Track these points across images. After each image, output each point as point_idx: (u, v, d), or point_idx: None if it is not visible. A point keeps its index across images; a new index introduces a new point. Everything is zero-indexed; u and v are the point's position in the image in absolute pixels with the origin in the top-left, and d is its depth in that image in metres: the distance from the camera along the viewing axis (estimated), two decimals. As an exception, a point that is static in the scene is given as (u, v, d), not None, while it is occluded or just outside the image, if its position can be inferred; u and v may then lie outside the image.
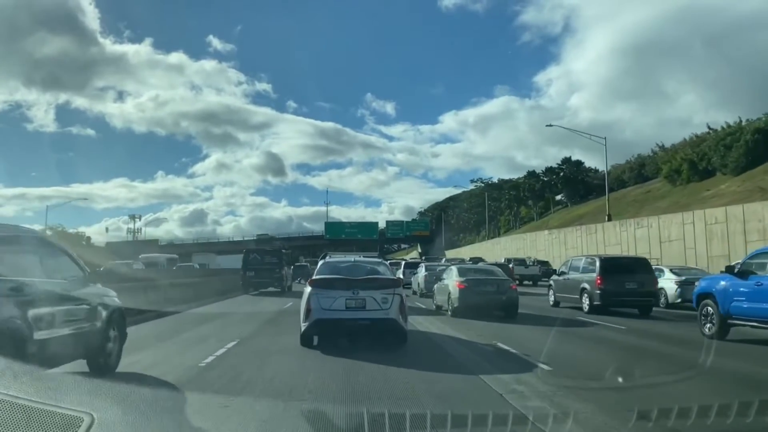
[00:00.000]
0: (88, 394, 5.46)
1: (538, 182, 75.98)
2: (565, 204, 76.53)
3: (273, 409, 5.30)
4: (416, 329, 11.31)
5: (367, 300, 8.88)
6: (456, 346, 9.67)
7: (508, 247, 59.24)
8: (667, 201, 43.58)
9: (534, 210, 79.04)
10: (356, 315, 8.87)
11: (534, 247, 52.30)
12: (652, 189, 51.62)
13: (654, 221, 33.87)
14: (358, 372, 6.98)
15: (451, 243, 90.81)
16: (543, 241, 51.19)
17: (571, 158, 73.27)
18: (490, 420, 4.34)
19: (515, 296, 14.73)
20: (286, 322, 12.53)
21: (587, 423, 4.83)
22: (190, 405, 5.54)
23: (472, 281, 14.87)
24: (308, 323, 8.84)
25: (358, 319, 8.88)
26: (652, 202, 46.29)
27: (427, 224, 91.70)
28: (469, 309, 14.22)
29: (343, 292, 8.92)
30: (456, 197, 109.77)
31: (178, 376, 6.66)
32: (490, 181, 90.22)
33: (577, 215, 58.76)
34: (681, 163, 46.36)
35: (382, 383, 6.38)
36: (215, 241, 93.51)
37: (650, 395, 5.99)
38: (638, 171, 60.10)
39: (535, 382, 6.38)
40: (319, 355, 8.19)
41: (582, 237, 43.85)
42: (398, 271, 29.37)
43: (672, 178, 47.55)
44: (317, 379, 6.59)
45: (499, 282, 15.02)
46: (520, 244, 56.33)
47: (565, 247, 46.45)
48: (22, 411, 2.80)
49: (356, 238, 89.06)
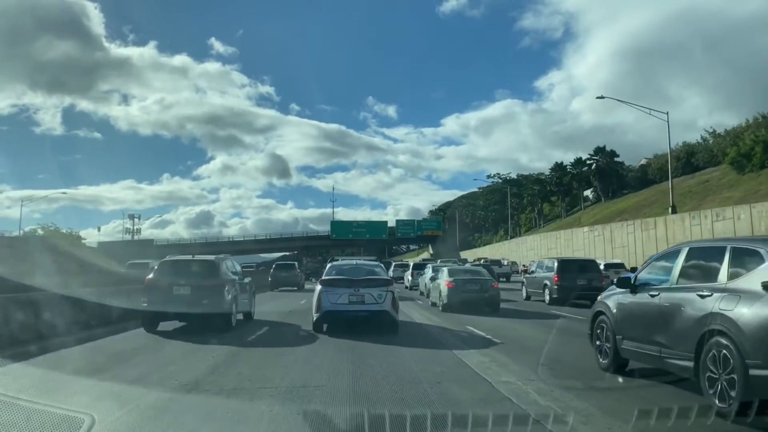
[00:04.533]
0: (89, 396, 5.64)
1: (566, 175, 67.86)
2: (595, 199, 68.64)
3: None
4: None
5: (366, 296, 11.15)
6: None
7: (537, 247, 52.18)
8: (739, 190, 36.51)
9: (560, 206, 71.72)
10: (357, 308, 11.14)
11: (570, 246, 45.20)
12: (711, 178, 44.37)
13: (742, 211, 26.14)
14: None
15: (465, 243, 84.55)
16: (581, 239, 44.14)
17: (605, 148, 65.53)
18: (490, 420, 4.57)
19: (497, 293, 17.12)
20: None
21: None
22: (192, 403, 5.75)
23: (459, 281, 16.92)
24: (319, 314, 11.20)
25: (359, 311, 11.18)
26: (717, 193, 39.68)
27: (439, 223, 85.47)
28: (457, 305, 16.30)
29: (346, 290, 11.20)
30: (469, 195, 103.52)
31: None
32: (509, 177, 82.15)
33: (617, 210, 52.60)
34: (752, 145, 38.59)
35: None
36: (214, 241, 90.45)
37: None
38: (686, 160, 53.26)
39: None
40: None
41: (635, 233, 36.63)
42: (406, 273, 32.24)
43: (739, 164, 40.13)
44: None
45: (482, 281, 17.20)
46: (552, 242, 49.12)
47: (612, 246, 38.87)
48: (24, 412, 3.00)
49: (364, 238, 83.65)
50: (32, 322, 9.68)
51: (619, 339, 6.95)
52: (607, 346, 7.24)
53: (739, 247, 5.61)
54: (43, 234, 63.03)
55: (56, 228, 68.56)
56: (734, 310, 5.10)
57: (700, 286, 5.70)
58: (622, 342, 6.88)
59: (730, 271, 5.48)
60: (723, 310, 5.21)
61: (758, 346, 4.77)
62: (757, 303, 4.94)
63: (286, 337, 11.10)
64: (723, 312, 5.20)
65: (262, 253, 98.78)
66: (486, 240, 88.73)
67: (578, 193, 72.50)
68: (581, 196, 72.20)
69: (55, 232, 66.25)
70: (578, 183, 70.83)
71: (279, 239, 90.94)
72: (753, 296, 5.00)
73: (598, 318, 7.59)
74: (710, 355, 5.25)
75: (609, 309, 7.31)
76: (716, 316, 5.25)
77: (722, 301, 5.28)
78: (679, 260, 6.28)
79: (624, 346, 6.85)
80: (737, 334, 4.98)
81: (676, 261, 6.34)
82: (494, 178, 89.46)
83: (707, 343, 5.30)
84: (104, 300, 12.37)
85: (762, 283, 4.97)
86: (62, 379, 6.82)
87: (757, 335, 4.81)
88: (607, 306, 7.39)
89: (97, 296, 12.34)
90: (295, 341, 10.42)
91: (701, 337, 5.37)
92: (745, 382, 4.79)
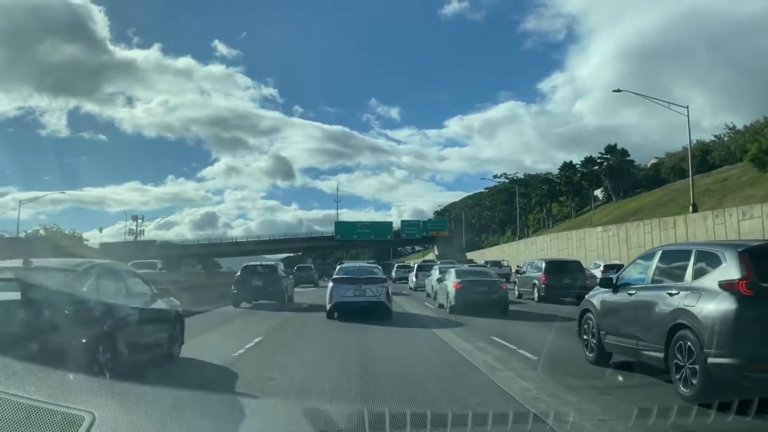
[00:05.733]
0: (89, 393, 5.60)
1: (576, 174, 66.14)
2: (605, 199, 67.00)
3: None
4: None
5: (367, 290, 14.56)
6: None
7: (547, 248, 50.58)
8: (762, 188, 35.68)
9: (569, 206, 70.03)
10: (360, 299, 14.53)
11: (582, 247, 43.69)
12: (729, 176, 42.75)
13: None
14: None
15: (472, 244, 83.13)
16: (594, 239, 42.64)
17: (616, 146, 64.09)
18: (490, 420, 4.64)
19: (505, 295, 16.95)
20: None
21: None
22: (198, 397, 5.91)
23: (467, 282, 16.73)
24: (331, 305, 14.62)
25: (361, 302, 14.55)
26: (737, 191, 38.33)
27: (445, 224, 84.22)
28: (465, 307, 16.02)
29: (351, 286, 14.66)
30: (475, 196, 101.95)
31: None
32: (516, 176, 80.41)
33: (630, 210, 51.33)
34: (778, 142, 37.03)
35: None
36: (217, 242, 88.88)
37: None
38: (701, 158, 51.74)
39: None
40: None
41: (653, 233, 35.25)
42: (410, 274, 33.65)
43: (761, 161, 38.52)
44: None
45: (491, 282, 17.00)
46: (564, 243, 47.50)
47: (628, 246, 37.49)
48: (24, 410, 2.94)
49: (369, 239, 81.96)
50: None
51: (603, 334, 7.55)
52: (593, 341, 7.82)
53: (703, 251, 6.31)
54: (45, 234, 62.94)
55: (58, 229, 68.60)
56: (696, 305, 5.74)
57: (670, 285, 6.36)
58: (605, 337, 7.48)
59: (694, 271, 6.14)
60: (687, 306, 5.84)
61: (715, 337, 5.41)
62: (715, 299, 5.59)
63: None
64: (687, 308, 5.83)
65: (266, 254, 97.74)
66: (493, 241, 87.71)
67: (588, 192, 71.13)
68: (591, 195, 70.79)
69: (57, 232, 66.15)
70: (588, 182, 69.30)
71: (282, 240, 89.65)
72: (711, 294, 5.65)
73: (585, 315, 8.17)
74: (677, 345, 5.89)
75: (594, 307, 7.91)
76: (682, 312, 5.89)
77: (687, 298, 5.92)
78: (654, 262, 6.91)
79: (607, 340, 7.46)
80: (698, 327, 5.62)
81: (651, 262, 6.97)
82: (501, 178, 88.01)
83: (675, 336, 5.93)
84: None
85: (719, 282, 5.62)
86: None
87: (714, 328, 5.45)
88: (592, 304, 7.98)
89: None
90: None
91: (670, 330, 5.99)
92: (704, 369, 5.44)
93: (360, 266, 17.38)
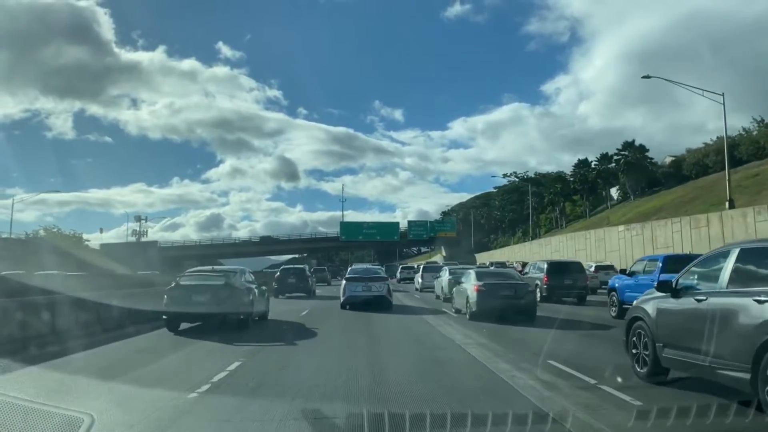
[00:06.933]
0: (88, 395, 5.71)
1: (591, 172, 63.26)
2: (621, 197, 64.10)
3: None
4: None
5: (372, 286, 18.52)
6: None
7: (563, 248, 48.11)
8: None
9: (583, 205, 66.93)
10: (367, 293, 18.39)
11: (602, 247, 41.26)
12: (762, 171, 40.41)
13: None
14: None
15: (481, 245, 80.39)
16: (615, 239, 40.09)
17: (634, 142, 61.76)
18: (489, 420, 4.59)
19: (533, 299, 15.75)
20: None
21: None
22: (192, 404, 5.87)
23: (489, 285, 15.36)
24: (344, 298, 18.60)
25: (368, 295, 18.36)
26: None
27: (453, 224, 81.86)
28: (487, 312, 14.71)
29: (360, 283, 18.70)
30: (483, 196, 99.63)
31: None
32: (526, 175, 77.58)
33: (652, 208, 49.14)
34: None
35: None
36: (219, 243, 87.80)
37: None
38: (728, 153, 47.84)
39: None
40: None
41: (681, 232, 32.12)
42: (416, 275, 34.91)
43: (796, 155, 35.58)
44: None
45: (517, 285, 15.53)
46: (581, 243, 44.95)
47: (654, 246, 34.70)
48: (22, 412, 2.96)
49: (375, 240, 78.94)
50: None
51: (659, 347, 6.61)
52: (645, 354, 6.90)
53: None
54: (45, 235, 63.44)
55: (59, 230, 69.59)
56: None
57: (757, 291, 5.25)
58: (663, 350, 6.54)
59: None
60: None
61: None
62: None
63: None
64: None
65: (271, 255, 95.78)
66: (503, 242, 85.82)
67: (603, 191, 68.42)
68: (607, 193, 68.34)
69: (57, 233, 66.88)
70: (604, 180, 66.35)
71: (287, 241, 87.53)
72: None
73: (635, 324, 7.23)
74: None
75: (647, 315, 6.92)
76: None
77: None
78: (729, 262, 5.88)
79: (665, 354, 6.51)
80: None
81: (725, 263, 5.95)
82: (510, 177, 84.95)
83: (767, 353, 4.94)
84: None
85: None
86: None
87: None
88: (645, 311, 6.99)
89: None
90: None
91: (760, 347, 4.97)
92: None
93: (366, 267, 22.66)
